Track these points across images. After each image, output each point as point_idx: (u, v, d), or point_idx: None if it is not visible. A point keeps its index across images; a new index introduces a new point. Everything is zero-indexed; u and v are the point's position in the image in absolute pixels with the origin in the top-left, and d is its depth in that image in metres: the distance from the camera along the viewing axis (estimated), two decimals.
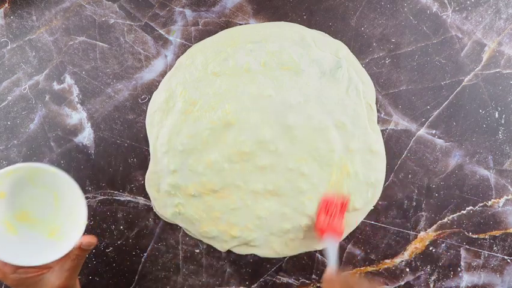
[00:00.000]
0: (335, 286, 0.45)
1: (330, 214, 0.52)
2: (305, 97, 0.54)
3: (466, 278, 0.57)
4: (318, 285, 0.57)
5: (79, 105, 0.56)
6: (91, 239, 0.43)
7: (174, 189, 0.55)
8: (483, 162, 0.57)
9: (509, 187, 0.57)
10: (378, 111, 0.56)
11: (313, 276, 0.57)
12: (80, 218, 0.43)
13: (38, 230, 0.45)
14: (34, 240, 0.44)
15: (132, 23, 0.56)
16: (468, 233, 0.57)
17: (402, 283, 0.57)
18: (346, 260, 0.57)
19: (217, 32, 0.56)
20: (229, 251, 0.56)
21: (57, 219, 0.45)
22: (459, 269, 0.57)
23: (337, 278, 0.46)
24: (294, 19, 0.56)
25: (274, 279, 0.57)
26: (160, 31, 0.56)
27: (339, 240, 0.51)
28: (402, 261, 0.57)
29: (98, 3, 0.56)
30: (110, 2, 0.56)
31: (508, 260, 0.57)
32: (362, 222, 0.56)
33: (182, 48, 0.56)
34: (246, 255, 0.57)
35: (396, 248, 0.57)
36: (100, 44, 0.56)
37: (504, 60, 0.56)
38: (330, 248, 0.50)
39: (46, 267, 0.43)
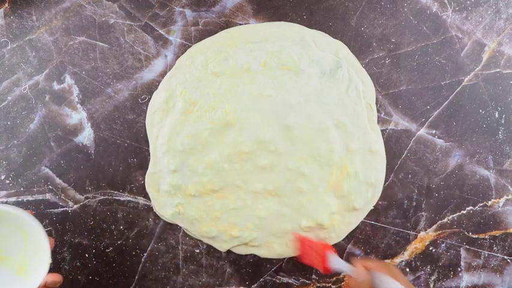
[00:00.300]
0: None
1: (311, 245, 0.52)
2: (305, 97, 0.54)
3: (466, 278, 0.57)
4: (318, 285, 0.57)
5: (79, 105, 0.57)
6: (56, 278, 0.43)
7: (174, 189, 0.55)
8: (483, 162, 0.57)
9: (509, 187, 0.57)
10: (378, 111, 0.56)
11: (313, 276, 0.57)
12: (45, 256, 0.43)
13: (7, 267, 0.45)
14: (2, 278, 0.44)
15: (132, 23, 0.56)
16: (468, 233, 0.57)
17: None
18: (346, 260, 0.57)
19: (217, 32, 0.56)
20: (229, 251, 0.56)
21: (25, 257, 0.45)
22: (459, 269, 0.57)
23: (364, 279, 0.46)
24: (294, 19, 0.56)
25: (274, 279, 0.57)
26: (160, 31, 0.56)
27: (334, 252, 0.51)
28: (402, 261, 0.57)
29: (98, 3, 0.56)
30: (110, 2, 0.56)
31: (508, 260, 0.57)
32: (362, 222, 0.56)
33: (182, 48, 0.56)
34: (246, 255, 0.57)
35: (396, 248, 0.57)
36: (100, 44, 0.56)
37: (504, 60, 0.56)
38: (336, 261, 0.49)
39: None
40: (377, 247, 0.57)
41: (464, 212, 0.57)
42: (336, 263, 0.49)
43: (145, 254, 0.57)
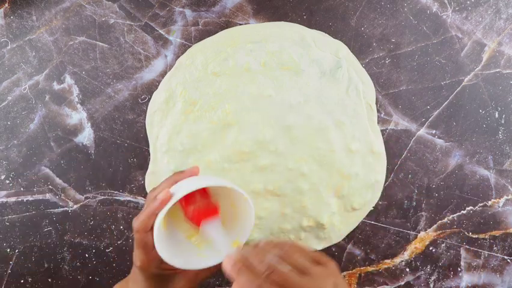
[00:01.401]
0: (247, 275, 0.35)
1: (194, 201, 0.43)
2: (305, 97, 0.54)
3: (466, 278, 0.57)
4: None
5: (79, 105, 0.57)
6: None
7: None
8: (483, 162, 0.57)
9: (509, 187, 0.57)
10: (378, 111, 0.56)
11: None
12: (241, 237, 0.42)
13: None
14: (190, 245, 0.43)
15: (132, 23, 0.56)
16: (468, 233, 0.57)
17: (402, 283, 0.57)
18: (346, 260, 0.57)
19: (217, 32, 0.56)
20: None
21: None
22: (459, 269, 0.57)
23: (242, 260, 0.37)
24: (294, 19, 0.56)
25: None
26: (160, 31, 0.56)
27: (218, 217, 0.43)
28: (402, 261, 0.57)
29: (98, 3, 0.56)
30: (110, 2, 0.56)
31: (508, 260, 0.57)
32: (362, 222, 0.56)
33: (182, 48, 0.56)
34: None
35: (396, 248, 0.57)
36: (100, 44, 0.56)
37: (504, 60, 0.56)
38: (214, 231, 0.42)
39: (181, 270, 0.42)
40: (377, 247, 0.57)
41: (464, 212, 0.57)
42: (213, 229, 0.42)
43: None
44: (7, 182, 0.57)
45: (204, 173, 0.54)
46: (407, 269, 0.57)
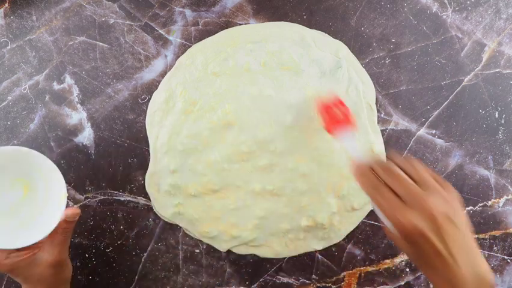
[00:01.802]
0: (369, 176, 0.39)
1: (334, 112, 0.48)
2: (305, 97, 0.54)
3: None
4: (318, 285, 0.57)
5: (79, 105, 0.57)
6: (75, 210, 0.44)
7: (174, 189, 0.55)
8: (483, 162, 0.57)
9: (509, 187, 0.57)
10: (378, 111, 0.56)
11: (313, 276, 0.57)
12: (60, 192, 0.43)
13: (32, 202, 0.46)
14: (21, 223, 0.45)
15: (132, 23, 0.56)
16: None
17: (402, 283, 0.57)
18: (346, 260, 0.57)
19: (217, 32, 0.56)
20: (229, 251, 0.56)
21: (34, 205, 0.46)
22: None
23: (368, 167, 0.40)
24: (294, 19, 0.56)
25: (274, 279, 0.57)
26: (160, 31, 0.56)
27: (355, 130, 0.47)
28: (402, 261, 0.57)
29: (98, 3, 0.56)
30: (110, 2, 0.56)
31: (508, 260, 0.57)
32: (362, 222, 0.56)
33: (182, 48, 0.56)
34: (246, 255, 0.57)
35: (396, 248, 0.57)
36: (100, 44, 0.56)
37: (504, 60, 0.56)
38: (349, 141, 0.46)
39: (37, 246, 0.43)
40: (377, 247, 0.57)
41: (464, 212, 0.57)
42: (347, 139, 0.46)
43: (145, 254, 0.57)
44: None
45: (204, 173, 0.54)
46: (407, 269, 0.57)
